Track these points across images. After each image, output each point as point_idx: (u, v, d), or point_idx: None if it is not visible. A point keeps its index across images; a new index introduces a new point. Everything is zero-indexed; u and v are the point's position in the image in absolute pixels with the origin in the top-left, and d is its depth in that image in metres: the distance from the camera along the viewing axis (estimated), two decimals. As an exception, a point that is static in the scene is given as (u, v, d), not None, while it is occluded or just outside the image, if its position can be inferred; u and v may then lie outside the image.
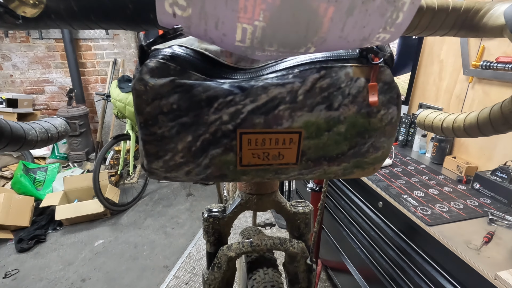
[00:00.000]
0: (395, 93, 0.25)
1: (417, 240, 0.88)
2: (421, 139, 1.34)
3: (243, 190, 0.36)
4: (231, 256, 0.34)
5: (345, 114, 0.24)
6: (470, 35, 0.25)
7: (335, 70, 0.24)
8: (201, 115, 0.23)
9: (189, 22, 0.21)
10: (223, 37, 0.22)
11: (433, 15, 0.24)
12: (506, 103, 0.26)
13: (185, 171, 0.25)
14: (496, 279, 0.64)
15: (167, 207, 2.31)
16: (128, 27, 0.23)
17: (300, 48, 0.23)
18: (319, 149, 0.25)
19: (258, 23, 0.21)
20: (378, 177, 1.11)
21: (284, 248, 0.35)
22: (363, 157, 0.27)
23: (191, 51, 0.23)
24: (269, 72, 0.24)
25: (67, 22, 0.22)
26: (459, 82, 1.20)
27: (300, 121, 0.24)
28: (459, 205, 0.92)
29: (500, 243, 0.75)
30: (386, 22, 0.21)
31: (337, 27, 0.21)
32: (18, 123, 0.28)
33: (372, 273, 1.10)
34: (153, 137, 0.23)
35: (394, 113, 0.25)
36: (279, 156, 0.25)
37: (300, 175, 0.27)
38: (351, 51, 0.25)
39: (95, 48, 2.85)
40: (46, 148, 2.69)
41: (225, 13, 0.20)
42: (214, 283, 0.35)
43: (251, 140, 0.24)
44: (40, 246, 1.86)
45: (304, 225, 0.38)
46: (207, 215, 0.36)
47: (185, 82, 0.22)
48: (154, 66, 0.22)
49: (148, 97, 0.22)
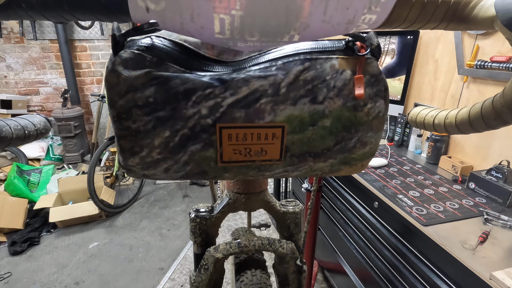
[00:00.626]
0: (382, 86, 0.24)
1: (412, 240, 0.88)
2: (416, 139, 1.33)
3: (231, 189, 0.35)
4: (218, 257, 0.33)
5: (330, 107, 0.23)
6: (461, 27, 0.24)
7: (320, 62, 0.23)
8: (179, 109, 0.22)
9: (163, 16, 0.20)
10: (201, 30, 0.21)
11: (422, 7, 0.23)
12: (497, 97, 0.25)
13: (163, 168, 0.24)
14: (491, 279, 0.63)
15: (163, 208, 2.29)
16: (104, 18, 0.22)
17: (283, 37, 0.21)
18: (303, 145, 0.24)
19: (235, 12, 0.20)
20: (373, 177, 1.10)
21: (273, 249, 0.34)
22: (350, 153, 0.26)
23: (170, 42, 0.22)
24: (252, 65, 0.23)
25: (39, 12, 0.21)
26: (454, 82, 1.20)
27: (283, 115, 0.23)
28: (454, 205, 0.91)
29: (495, 242, 0.74)
30: (371, 1, 0.20)
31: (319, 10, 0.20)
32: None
33: (368, 274, 1.09)
34: (127, 131, 0.22)
35: (382, 107, 0.24)
36: (262, 152, 0.24)
37: (285, 172, 0.26)
38: (337, 42, 0.24)
39: (90, 49, 2.83)
40: (41, 149, 2.67)
41: (199, 3, 0.19)
42: (201, 285, 0.34)
43: (231, 135, 0.23)
44: (34, 249, 1.84)
45: (294, 225, 0.37)
46: (194, 215, 0.35)
47: (162, 74, 0.21)
48: (128, 57, 0.21)
49: (121, 90, 0.21)
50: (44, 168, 2.41)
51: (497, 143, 1.04)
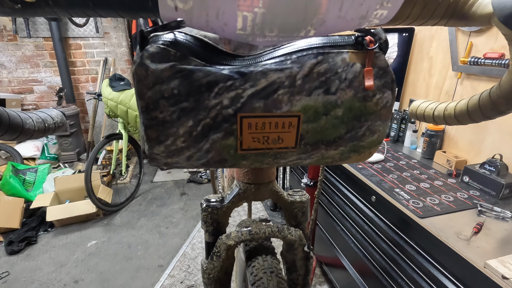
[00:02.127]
0: (389, 78, 0.26)
1: (409, 232, 0.90)
2: (412, 134, 1.36)
3: (241, 180, 0.37)
4: (230, 244, 0.34)
5: (342, 98, 0.25)
6: (460, 24, 0.26)
7: (332, 56, 0.24)
8: (202, 100, 0.23)
9: (190, 15, 0.21)
10: (225, 27, 0.22)
11: (424, 4, 0.24)
12: (494, 89, 0.27)
13: (186, 156, 0.26)
14: (485, 267, 0.66)
15: (160, 206, 2.30)
16: (126, 15, 0.23)
17: (300, 32, 0.23)
18: (317, 133, 0.26)
19: (258, 10, 0.21)
20: (371, 172, 1.12)
21: (282, 236, 0.35)
22: (360, 141, 0.27)
23: (191, 37, 0.24)
24: (267, 59, 0.24)
25: (65, 9, 0.22)
26: (448, 78, 1.22)
27: (298, 105, 0.25)
28: (449, 197, 0.94)
29: (488, 233, 0.77)
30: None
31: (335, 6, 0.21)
32: (16, 111, 0.27)
33: (366, 267, 1.11)
34: (155, 121, 0.23)
35: (389, 97, 0.26)
36: (279, 140, 0.26)
37: (299, 159, 0.28)
38: (347, 37, 0.26)
39: (85, 47, 2.81)
40: (36, 148, 2.64)
41: (225, 2, 0.20)
42: (213, 272, 0.36)
43: (251, 124, 0.24)
44: (31, 248, 1.83)
45: (301, 213, 0.39)
46: (206, 205, 0.36)
47: (185, 67, 0.23)
48: (154, 51, 0.22)
49: (149, 82, 0.22)
50: (39, 167, 2.39)
51: (489, 137, 1.07)
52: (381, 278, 1.03)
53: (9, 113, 0.26)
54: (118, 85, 2.09)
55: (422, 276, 0.85)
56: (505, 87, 0.25)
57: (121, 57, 2.95)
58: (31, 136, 0.28)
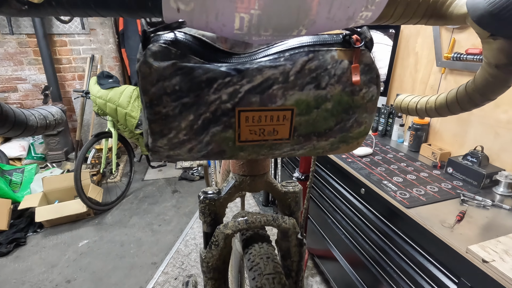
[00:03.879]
0: (375, 73, 0.28)
1: (397, 222, 0.94)
2: (399, 128, 1.40)
3: (237, 172, 0.38)
4: (228, 233, 0.36)
5: (332, 92, 0.27)
6: (439, 23, 0.28)
7: (321, 53, 0.26)
8: (202, 95, 0.25)
9: (192, 16, 0.23)
10: (223, 27, 0.24)
11: (406, 4, 0.27)
12: (469, 83, 0.29)
13: (188, 148, 0.27)
14: (467, 252, 0.69)
15: (152, 204, 2.29)
16: (127, 15, 0.24)
17: (293, 31, 0.25)
18: (309, 125, 0.28)
19: (254, 12, 0.23)
20: (360, 166, 1.16)
21: (277, 224, 0.37)
22: (348, 132, 0.29)
23: (190, 36, 0.25)
24: (262, 56, 0.26)
25: (67, 10, 0.23)
26: (433, 74, 1.27)
27: (292, 99, 0.26)
28: (434, 188, 0.98)
29: (471, 221, 0.81)
30: (367, 1, 0.23)
31: (325, 9, 0.23)
32: (20, 109, 0.28)
33: (356, 258, 1.15)
34: (158, 116, 0.25)
35: (374, 91, 0.28)
36: (274, 132, 0.27)
37: (292, 150, 0.30)
38: (335, 36, 0.27)
39: (70, 44, 2.74)
40: (22, 148, 2.58)
41: (224, 4, 0.22)
42: (212, 260, 0.37)
43: (248, 117, 0.26)
44: (20, 250, 1.80)
45: (294, 203, 0.41)
46: (203, 197, 0.38)
47: (186, 65, 0.24)
48: (157, 50, 0.24)
49: (153, 79, 0.24)
50: (26, 168, 2.34)
51: (472, 130, 1.12)
52: (371, 267, 1.06)
53: (14, 110, 0.27)
54: (106, 82, 2.06)
55: (409, 263, 0.89)
56: (479, 81, 0.27)
57: (108, 54, 2.90)
58: (34, 132, 0.29)
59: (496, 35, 0.24)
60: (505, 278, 0.62)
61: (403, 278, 0.92)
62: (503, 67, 0.25)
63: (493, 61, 0.25)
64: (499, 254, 0.67)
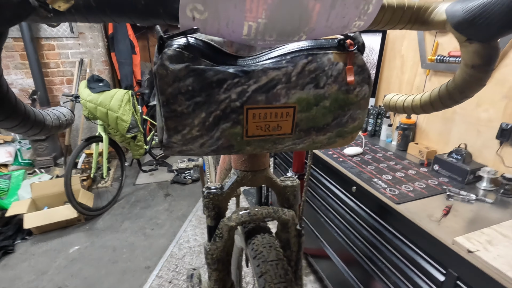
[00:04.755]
0: (366, 74, 0.31)
1: (387, 218, 0.97)
2: (387, 128, 1.45)
3: (239, 168, 0.41)
4: (232, 225, 0.38)
5: (329, 91, 0.30)
6: (422, 28, 0.31)
7: (319, 56, 0.29)
8: (213, 95, 0.27)
9: (205, 24, 0.25)
10: (232, 33, 0.26)
11: (393, 11, 0.30)
12: (450, 82, 0.33)
13: (199, 144, 0.29)
14: (453, 244, 0.73)
15: (144, 208, 2.27)
16: (138, 21, 0.26)
17: (294, 37, 0.28)
18: (309, 121, 0.31)
19: (261, 20, 0.25)
20: (351, 165, 1.19)
21: (277, 216, 0.39)
22: (344, 127, 0.32)
23: (200, 41, 0.27)
24: (265, 59, 0.28)
25: (84, 16, 0.24)
26: (418, 75, 1.32)
27: (294, 97, 0.29)
28: (422, 184, 1.02)
29: (456, 214, 0.85)
30: (360, 12, 0.26)
31: (323, 18, 0.26)
32: (38, 110, 0.29)
33: (349, 255, 1.18)
34: (174, 113, 0.27)
35: (366, 90, 0.31)
36: (278, 127, 0.30)
37: (294, 144, 0.32)
38: (331, 40, 0.30)
39: (58, 48, 2.71)
40: (8, 154, 2.52)
41: (235, 14, 0.25)
42: (216, 252, 0.39)
43: (255, 114, 0.29)
44: (8, 258, 1.75)
45: (293, 196, 0.44)
46: (207, 192, 0.40)
47: (198, 67, 0.26)
48: (172, 54, 0.26)
49: (169, 80, 0.26)
50: (13, 174, 2.29)
51: (455, 129, 1.18)
52: (363, 263, 1.10)
53: (34, 110, 0.28)
54: (96, 86, 2.04)
55: (400, 257, 0.93)
56: (458, 80, 0.31)
57: (97, 58, 2.87)
58: (48, 132, 0.30)
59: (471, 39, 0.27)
60: (489, 267, 0.65)
61: (394, 272, 0.95)
62: (478, 67, 0.28)
63: (470, 62, 0.28)
64: (483, 245, 0.71)
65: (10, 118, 0.25)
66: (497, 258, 0.66)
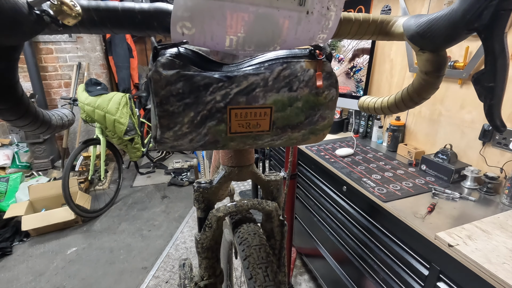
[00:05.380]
0: (334, 79, 0.35)
1: (375, 216, 1.01)
2: (378, 130, 1.49)
3: (226, 164, 0.44)
4: (220, 216, 0.42)
5: (301, 94, 0.34)
6: (385, 39, 0.36)
7: (293, 64, 0.33)
8: (200, 97, 0.31)
9: (193, 37, 0.30)
10: (216, 45, 0.31)
11: (359, 24, 0.34)
12: (409, 87, 0.37)
13: (189, 139, 0.33)
14: (436, 239, 0.77)
15: (142, 210, 2.30)
16: (135, 32, 0.30)
17: (270, 47, 0.33)
18: (284, 119, 0.35)
19: (240, 34, 0.30)
20: (342, 165, 1.23)
21: (261, 207, 0.43)
22: (315, 125, 0.36)
23: (189, 50, 0.31)
24: (246, 66, 0.33)
25: (87, 29, 0.28)
26: (406, 78, 1.37)
27: (271, 99, 0.33)
28: (409, 184, 1.06)
29: (440, 211, 0.89)
30: (322, 27, 0.31)
31: (292, 32, 0.31)
32: (44, 111, 0.33)
33: (341, 254, 1.22)
34: (166, 113, 0.31)
35: (334, 93, 0.36)
36: (257, 125, 0.34)
37: (272, 141, 0.36)
38: (303, 50, 0.34)
39: (57, 51, 2.74)
40: (6, 157, 2.54)
41: (217, 30, 0.30)
42: (206, 241, 0.43)
43: (237, 114, 0.33)
44: (6, 259, 1.77)
45: (276, 190, 0.48)
46: (197, 186, 0.44)
47: (187, 73, 0.30)
48: (165, 62, 0.30)
49: (162, 84, 0.30)
50: (11, 176, 2.31)
51: (441, 130, 1.22)
52: (355, 261, 1.13)
53: (42, 111, 0.32)
54: (94, 89, 2.08)
55: (388, 254, 0.96)
56: (416, 84, 0.35)
57: (95, 62, 2.91)
58: (53, 131, 0.34)
59: (423, 49, 0.31)
60: (468, 260, 0.69)
61: (382, 268, 0.99)
62: (430, 73, 0.32)
63: (424, 69, 0.32)
64: (462, 239, 0.75)
65: (23, 117, 0.29)
66: (475, 251, 0.70)
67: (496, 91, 0.28)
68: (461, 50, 1.10)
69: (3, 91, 0.26)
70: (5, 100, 0.26)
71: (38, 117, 0.31)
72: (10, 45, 0.24)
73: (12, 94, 0.27)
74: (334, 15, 0.31)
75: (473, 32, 0.27)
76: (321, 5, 0.30)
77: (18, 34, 0.23)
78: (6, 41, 0.23)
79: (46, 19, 0.24)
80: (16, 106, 0.28)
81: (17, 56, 0.26)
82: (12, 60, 0.25)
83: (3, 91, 0.26)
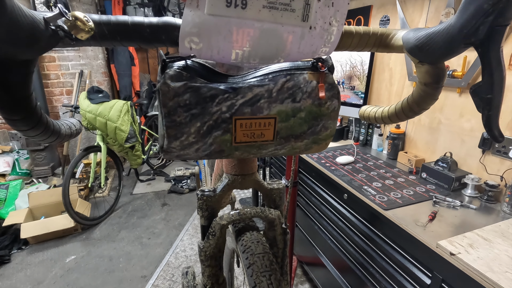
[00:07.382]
0: (336, 90, 0.36)
1: (376, 224, 1.01)
2: (378, 138, 1.50)
3: (230, 172, 0.45)
4: (224, 224, 0.42)
5: (304, 105, 0.35)
6: (385, 51, 0.37)
7: (296, 76, 0.34)
8: (206, 107, 0.32)
9: (200, 52, 0.31)
10: (223, 58, 0.33)
11: (360, 37, 0.35)
12: (410, 96, 0.38)
13: (195, 148, 0.34)
14: (437, 247, 0.77)
15: (141, 218, 2.29)
16: (144, 45, 0.31)
17: (274, 60, 0.34)
18: (288, 129, 0.36)
19: (245, 48, 0.31)
20: (342, 173, 1.24)
21: (264, 216, 0.43)
22: (318, 135, 0.37)
23: (196, 63, 0.32)
24: (251, 78, 0.33)
25: (98, 42, 0.29)
26: (405, 87, 1.38)
27: (274, 110, 0.34)
28: (410, 191, 1.06)
29: (441, 219, 0.89)
30: (325, 41, 0.32)
31: (295, 46, 0.32)
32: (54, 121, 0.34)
33: (343, 262, 1.21)
34: (174, 123, 0.32)
35: (336, 104, 0.37)
36: (261, 135, 0.35)
37: (276, 150, 0.37)
38: (306, 62, 0.35)
39: (59, 59, 2.77)
40: (6, 164, 2.54)
41: (224, 44, 0.31)
42: (209, 249, 0.43)
43: (242, 124, 0.33)
44: (5, 268, 1.75)
45: (279, 198, 0.48)
46: (201, 195, 0.44)
47: (194, 84, 0.31)
48: (173, 74, 0.31)
49: (170, 95, 0.31)
50: (11, 183, 2.30)
51: (441, 138, 1.23)
52: (356, 270, 1.12)
53: (53, 121, 0.33)
54: (96, 97, 2.09)
55: (389, 262, 0.96)
56: (415, 95, 0.36)
57: (97, 69, 2.93)
58: (62, 140, 0.35)
59: (422, 61, 0.32)
60: (470, 268, 0.69)
61: (384, 277, 0.98)
62: (429, 85, 0.33)
63: (423, 81, 0.33)
64: (464, 247, 0.75)
65: (35, 127, 0.30)
66: (477, 260, 0.70)
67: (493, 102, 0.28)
68: (459, 59, 1.12)
69: (18, 103, 0.27)
70: (19, 111, 0.27)
71: (49, 127, 0.32)
72: (26, 59, 0.25)
73: (27, 106, 0.28)
74: (336, 29, 0.32)
75: (470, 46, 0.28)
76: (324, 21, 0.31)
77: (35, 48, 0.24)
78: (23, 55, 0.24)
79: (61, 34, 0.25)
80: (30, 117, 0.28)
81: (32, 69, 0.27)
82: (28, 73, 0.26)
83: (18, 102, 0.27)
